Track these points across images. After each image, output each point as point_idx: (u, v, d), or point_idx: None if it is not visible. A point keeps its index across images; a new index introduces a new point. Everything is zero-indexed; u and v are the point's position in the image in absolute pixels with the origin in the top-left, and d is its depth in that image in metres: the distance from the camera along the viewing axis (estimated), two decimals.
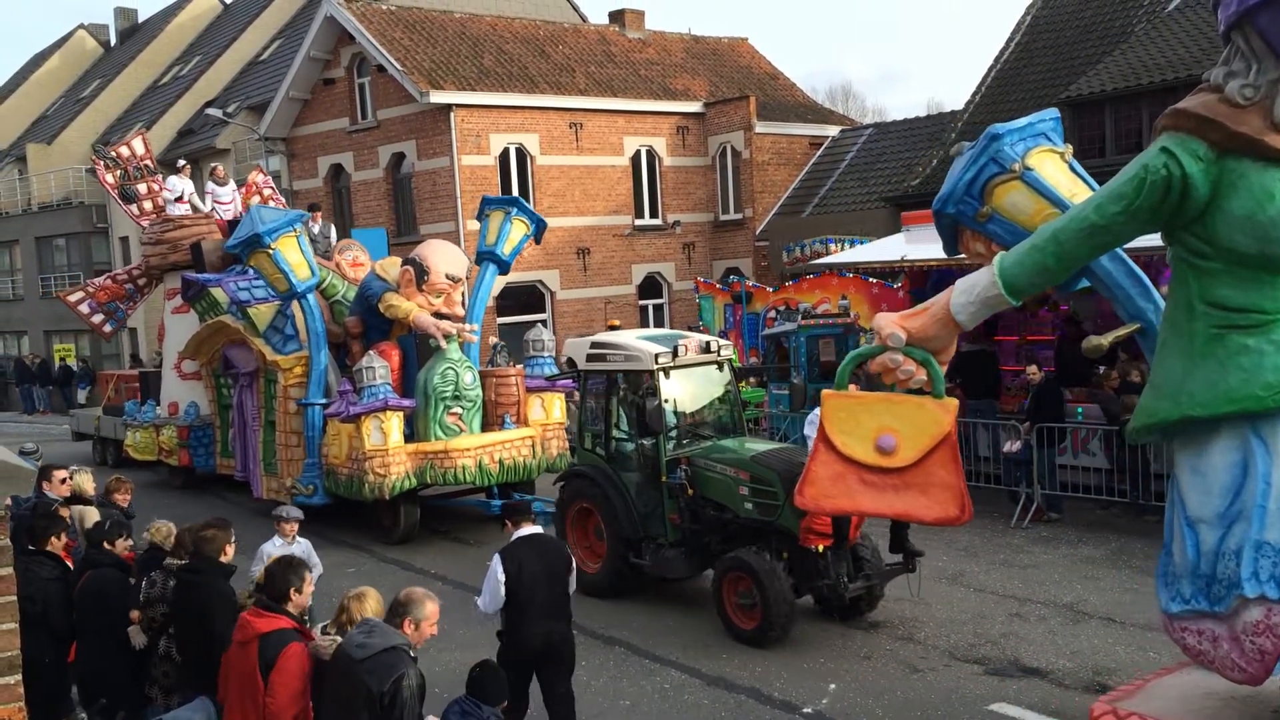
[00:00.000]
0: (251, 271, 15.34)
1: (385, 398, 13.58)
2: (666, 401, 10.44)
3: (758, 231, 27.96)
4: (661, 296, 28.92)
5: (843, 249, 21.16)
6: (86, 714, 7.29)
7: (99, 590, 7.07)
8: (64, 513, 8.36)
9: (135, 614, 7.17)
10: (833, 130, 30.05)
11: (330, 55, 27.56)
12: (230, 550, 6.70)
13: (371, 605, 5.70)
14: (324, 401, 14.47)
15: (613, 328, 21.43)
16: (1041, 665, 8.85)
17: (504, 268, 15.56)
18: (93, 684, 7.12)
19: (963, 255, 5.26)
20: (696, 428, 11.08)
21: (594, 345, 11.25)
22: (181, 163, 21.28)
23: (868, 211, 24.51)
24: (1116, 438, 12.75)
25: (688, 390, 10.94)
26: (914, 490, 4.52)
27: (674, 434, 10.65)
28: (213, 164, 22.16)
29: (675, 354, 10.55)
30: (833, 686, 8.63)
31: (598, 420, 11.50)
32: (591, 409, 11.65)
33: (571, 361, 11.83)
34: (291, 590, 5.71)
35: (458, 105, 24.74)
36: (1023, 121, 4.90)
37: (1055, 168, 5.17)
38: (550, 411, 14.89)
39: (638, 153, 28.13)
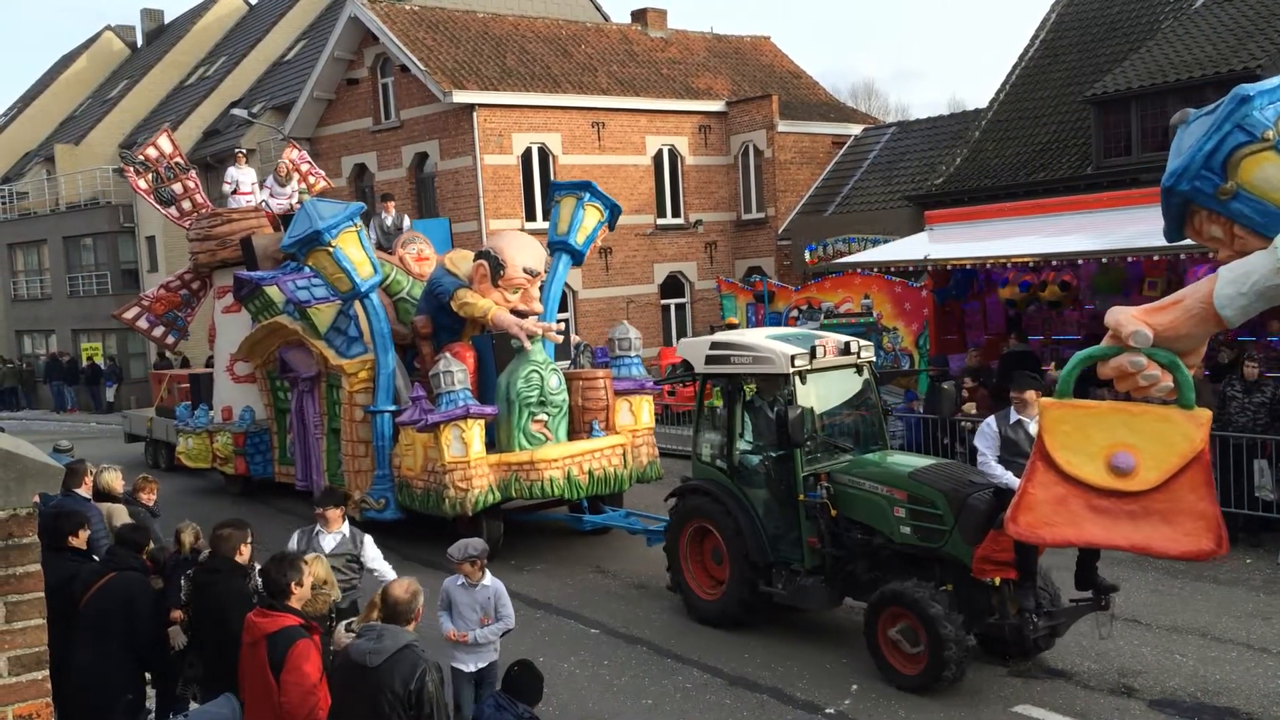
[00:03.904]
0: (309, 269, 14.52)
1: (466, 404, 12.47)
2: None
3: (780, 231, 27.88)
4: (684, 296, 28.89)
5: (865, 248, 21.10)
6: (109, 712, 7.29)
7: (127, 594, 6.92)
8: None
9: (178, 614, 7.17)
10: (855, 129, 29.92)
11: (354, 55, 27.68)
12: (246, 551, 6.74)
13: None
14: (394, 409, 13.44)
15: (730, 327, 19.42)
16: (1066, 667, 8.79)
17: (578, 258, 14.50)
18: (96, 687, 7.00)
19: (1188, 240, 4.36)
20: (833, 439, 10.01)
21: (714, 346, 10.10)
22: (240, 151, 20.59)
23: (891, 210, 24.38)
24: None
25: (824, 396, 9.81)
26: (1156, 518, 3.79)
27: (809, 446, 9.51)
28: (277, 162, 21.00)
29: (813, 355, 9.40)
30: (855, 687, 8.59)
31: (716, 429, 10.41)
32: (709, 417, 10.62)
33: (687, 363, 10.76)
34: (292, 584, 5.72)
35: (480, 105, 24.79)
36: (1274, 81, 4.30)
37: None
38: (639, 416, 13.75)
39: (660, 152, 28.10)
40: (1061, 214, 17.00)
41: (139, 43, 48.29)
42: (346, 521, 8.27)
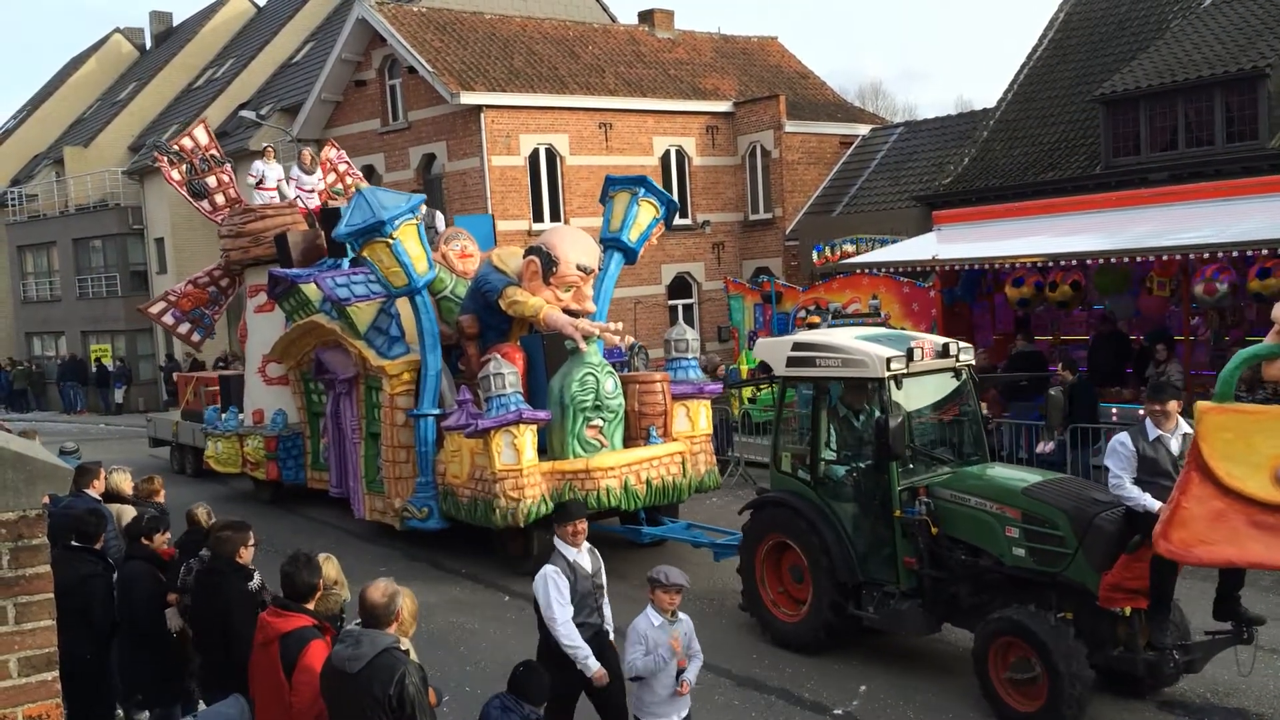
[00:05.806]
0: (347, 265, 13.81)
1: (518, 409, 11.77)
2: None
3: (788, 231, 27.86)
4: (691, 296, 28.89)
5: (873, 248, 21.07)
6: (123, 710, 7.38)
7: (125, 585, 7.14)
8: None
9: (173, 596, 7.26)
10: (863, 129, 29.89)
11: (362, 57, 27.76)
12: (246, 553, 6.74)
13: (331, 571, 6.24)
14: (438, 412, 12.84)
15: (810, 326, 17.93)
16: None
17: (631, 256, 13.96)
18: (125, 680, 7.24)
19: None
20: (929, 449, 9.32)
21: (797, 347, 9.39)
22: (265, 145, 20.25)
23: (899, 210, 24.36)
24: None
25: (920, 403, 9.13)
26: None
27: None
28: (301, 148, 20.67)
29: (910, 358, 8.63)
30: (863, 688, 8.58)
31: (789, 436, 9.72)
32: (789, 423, 9.92)
33: (765, 366, 10.00)
34: (318, 584, 5.76)
35: (488, 106, 24.82)
36: None
37: None
38: (696, 422, 13.11)
39: (667, 152, 28.11)
40: (1070, 214, 16.95)
41: (148, 45, 48.44)
42: None
